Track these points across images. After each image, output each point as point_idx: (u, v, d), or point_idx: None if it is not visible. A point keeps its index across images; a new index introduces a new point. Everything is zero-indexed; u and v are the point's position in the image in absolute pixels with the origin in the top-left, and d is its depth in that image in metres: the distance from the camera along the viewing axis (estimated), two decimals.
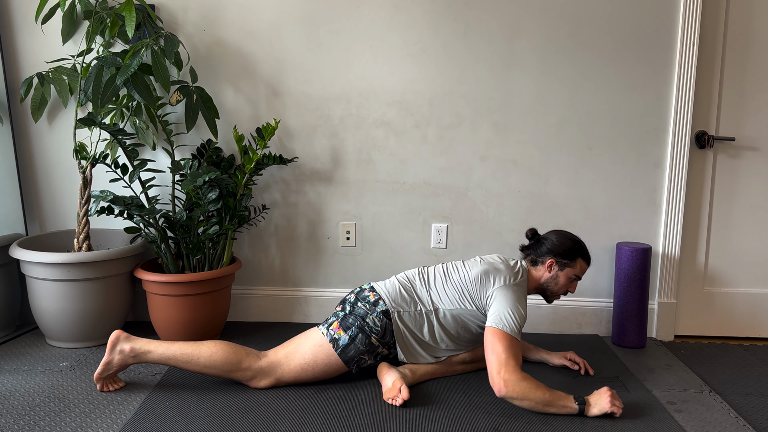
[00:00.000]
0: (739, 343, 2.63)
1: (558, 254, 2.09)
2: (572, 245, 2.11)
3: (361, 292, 2.10)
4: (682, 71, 2.48)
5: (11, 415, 1.84)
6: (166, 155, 2.62)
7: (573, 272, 2.11)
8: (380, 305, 2.02)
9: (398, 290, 2.07)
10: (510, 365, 1.82)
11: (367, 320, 2.00)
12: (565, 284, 2.12)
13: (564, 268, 2.10)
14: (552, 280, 2.11)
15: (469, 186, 2.63)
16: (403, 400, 1.91)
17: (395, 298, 2.04)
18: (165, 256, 2.41)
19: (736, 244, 2.65)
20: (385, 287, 2.08)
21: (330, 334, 2.01)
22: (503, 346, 1.84)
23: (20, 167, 2.63)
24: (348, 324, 2.01)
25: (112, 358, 1.96)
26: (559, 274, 2.10)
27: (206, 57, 2.56)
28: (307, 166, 2.64)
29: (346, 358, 2.00)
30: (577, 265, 2.11)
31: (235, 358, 1.97)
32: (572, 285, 2.14)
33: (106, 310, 2.39)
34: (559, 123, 2.56)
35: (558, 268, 2.10)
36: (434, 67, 2.54)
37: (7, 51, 2.56)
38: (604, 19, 2.48)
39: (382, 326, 2.01)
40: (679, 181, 2.56)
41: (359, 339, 2.00)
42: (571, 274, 2.11)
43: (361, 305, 2.04)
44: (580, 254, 2.12)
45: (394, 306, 2.03)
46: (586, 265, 2.15)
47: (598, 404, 1.86)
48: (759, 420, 1.92)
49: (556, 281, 2.11)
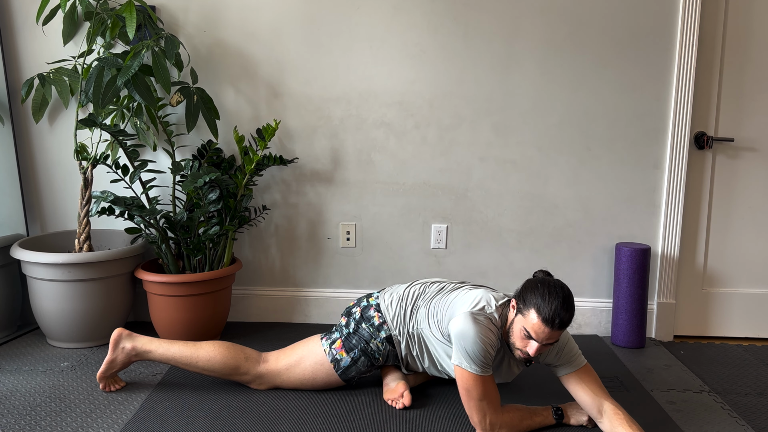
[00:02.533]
0: (738, 343, 2.64)
1: (518, 295, 1.73)
2: (533, 292, 1.67)
3: (367, 309, 1.99)
4: (681, 72, 2.49)
5: (12, 415, 1.85)
6: (166, 156, 2.62)
7: (522, 323, 1.67)
8: (384, 331, 1.94)
9: (400, 309, 1.94)
10: (491, 409, 1.69)
11: (371, 344, 1.94)
12: (517, 335, 1.69)
13: (518, 313, 1.71)
14: (511, 326, 1.74)
15: (468, 187, 2.63)
16: (403, 405, 1.91)
17: (398, 325, 1.93)
18: (165, 257, 2.42)
19: (735, 244, 2.66)
20: (390, 307, 1.95)
21: (332, 353, 1.96)
22: (478, 389, 1.68)
23: (21, 168, 2.64)
24: (351, 345, 1.95)
25: (116, 356, 1.97)
26: (514, 319, 1.72)
27: (207, 58, 2.57)
28: (308, 166, 2.65)
29: (346, 378, 1.99)
30: (528, 315, 1.65)
31: (233, 362, 1.97)
32: (525, 343, 1.68)
33: (107, 310, 2.40)
34: (558, 124, 2.57)
35: (515, 312, 1.73)
36: (434, 68, 2.55)
37: (8, 52, 2.57)
38: (604, 21, 2.49)
39: (386, 353, 1.96)
40: (678, 181, 2.56)
41: (361, 362, 1.96)
42: (521, 325, 1.67)
43: (365, 327, 1.96)
44: (534, 305, 1.65)
45: (396, 335, 1.93)
46: (539, 322, 1.63)
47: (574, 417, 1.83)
48: (758, 420, 1.92)
49: (512, 327, 1.72)
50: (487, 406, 1.69)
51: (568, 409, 1.85)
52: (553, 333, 1.63)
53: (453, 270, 2.69)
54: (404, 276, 2.71)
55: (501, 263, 2.68)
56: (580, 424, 1.82)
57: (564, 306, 1.63)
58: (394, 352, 1.96)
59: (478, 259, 2.68)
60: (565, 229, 2.64)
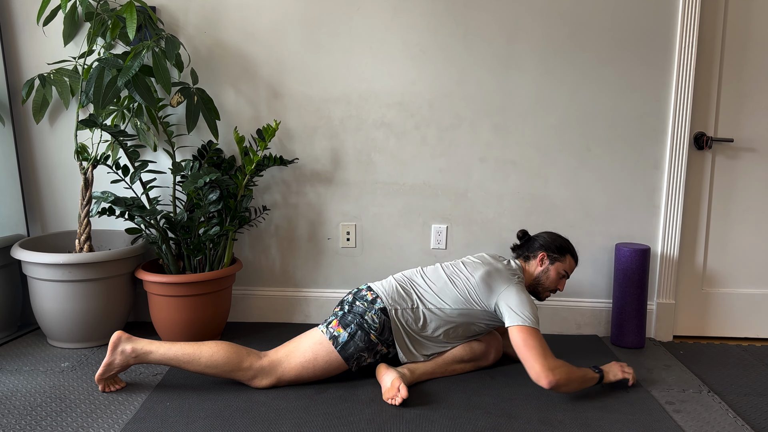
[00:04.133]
0: (738, 344, 2.64)
1: (549, 249, 2.23)
2: (563, 242, 2.25)
3: (359, 292, 2.15)
4: (680, 73, 2.50)
5: (13, 415, 1.85)
6: (167, 156, 2.63)
7: (563, 267, 2.22)
8: (378, 303, 2.07)
9: (395, 288, 2.12)
10: (548, 355, 1.93)
11: (366, 317, 2.04)
12: (555, 279, 2.22)
13: (554, 262, 2.22)
14: (543, 274, 2.22)
15: (468, 187, 2.64)
16: (402, 399, 1.92)
17: (393, 296, 2.09)
18: (166, 257, 2.42)
19: (734, 244, 2.66)
20: (382, 286, 2.13)
21: (329, 331, 2.04)
22: (535, 340, 1.94)
23: (22, 168, 2.64)
24: (347, 321, 2.05)
25: (114, 359, 1.97)
26: (549, 267, 2.22)
27: (207, 59, 2.58)
28: (308, 167, 2.65)
29: (345, 355, 2.02)
30: (567, 260, 2.24)
31: (236, 357, 1.99)
32: (561, 282, 2.25)
33: (108, 310, 2.40)
34: (558, 124, 2.57)
35: (549, 262, 2.22)
36: (434, 68, 2.55)
37: (9, 52, 2.57)
38: (603, 21, 2.50)
39: (381, 323, 2.04)
40: (677, 182, 2.57)
41: (358, 336, 2.02)
42: (561, 269, 2.22)
43: (359, 303, 2.08)
44: (570, 251, 2.26)
45: (392, 303, 2.07)
46: (574, 262, 2.27)
47: (612, 371, 2.09)
48: (757, 420, 1.93)
49: (547, 275, 2.22)
50: (545, 352, 1.93)
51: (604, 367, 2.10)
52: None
53: None
54: None
55: None
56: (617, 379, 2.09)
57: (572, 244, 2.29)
58: (389, 323, 2.05)
59: None
60: (564, 230, 2.64)
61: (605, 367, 2.11)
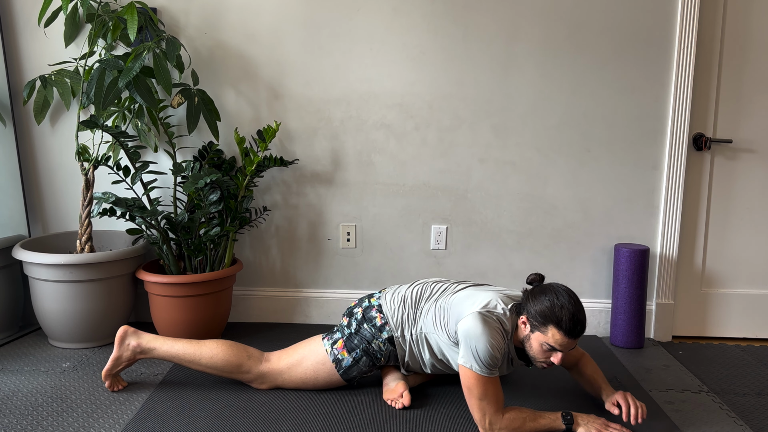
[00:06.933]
0: (737, 344, 2.64)
1: (529, 313, 1.75)
2: (545, 308, 1.71)
3: (369, 309, 2.00)
4: (679, 74, 2.50)
5: (14, 415, 1.86)
6: (167, 157, 2.64)
7: (543, 339, 1.72)
8: (386, 332, 1.96)
9: (403, 311, 1.96)
10: (491, 409, 1.71)
11: (373, 345, 1.96)
12: (538, 350, 1.74)
13: (534, 330, 1.74)
14: (527, 340, 1.77)
15: (468, 188, 2.64)
16: (403, 405, 1.92)
17: (401, 323, 1.95)
18: (167, 258, 2.43)
19: (733, 245, 2.67)
20: (392, 309, 1.97)
21: (334, 353, 1.98)
22: (479, 389, 1.71)
23: (23, 169, 2.65)
24: (353, 345, 1.97)
25: (122, 353, 1.99)
26: (531, 336, 1.75)
27: (208, 60, 2.58)
28: (308, 168, 2.66)
29: (347, 377, 2.00)
30: (549, 332, 1.70)
31: (235, 360, 1.99)
32: (548, 354, 1.74)
33: (108, 311, 2.41)
34: (557, 125, 2.58)
35: (530, 329, 1.76)
36: (434, 69, 2.56)
37: (10, 54, 2.58)
38: (602, 23, 2.50)
39: (387, 353, 1.98)
40: (676, 182, 2.57)
41: (363, 362, 1.97)
42: (542, 341, 1.72)
43: (367, 327, 1.97)
44: (553, 321, 1.70)
45: (399, 333, 1.95)
46: (561, 335, 1.69)
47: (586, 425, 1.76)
48: (756, 420, 1.93)
49: (530, 344, 1.76)
50: (487, 406, 1.71)
51: (580, 417, 1.78)
52: (576, 340, 1.73)
53: (453, 271, 2.70)
54: (404, 277, 2.72)
55: (500, 264, 2.69)
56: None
57: (579, 311, 1.71)
58: (395, 352, 1.98)
59: (477, 260, 2.69)
60: (564, 230, 2.65)
61: (581, 417, 1.78)
